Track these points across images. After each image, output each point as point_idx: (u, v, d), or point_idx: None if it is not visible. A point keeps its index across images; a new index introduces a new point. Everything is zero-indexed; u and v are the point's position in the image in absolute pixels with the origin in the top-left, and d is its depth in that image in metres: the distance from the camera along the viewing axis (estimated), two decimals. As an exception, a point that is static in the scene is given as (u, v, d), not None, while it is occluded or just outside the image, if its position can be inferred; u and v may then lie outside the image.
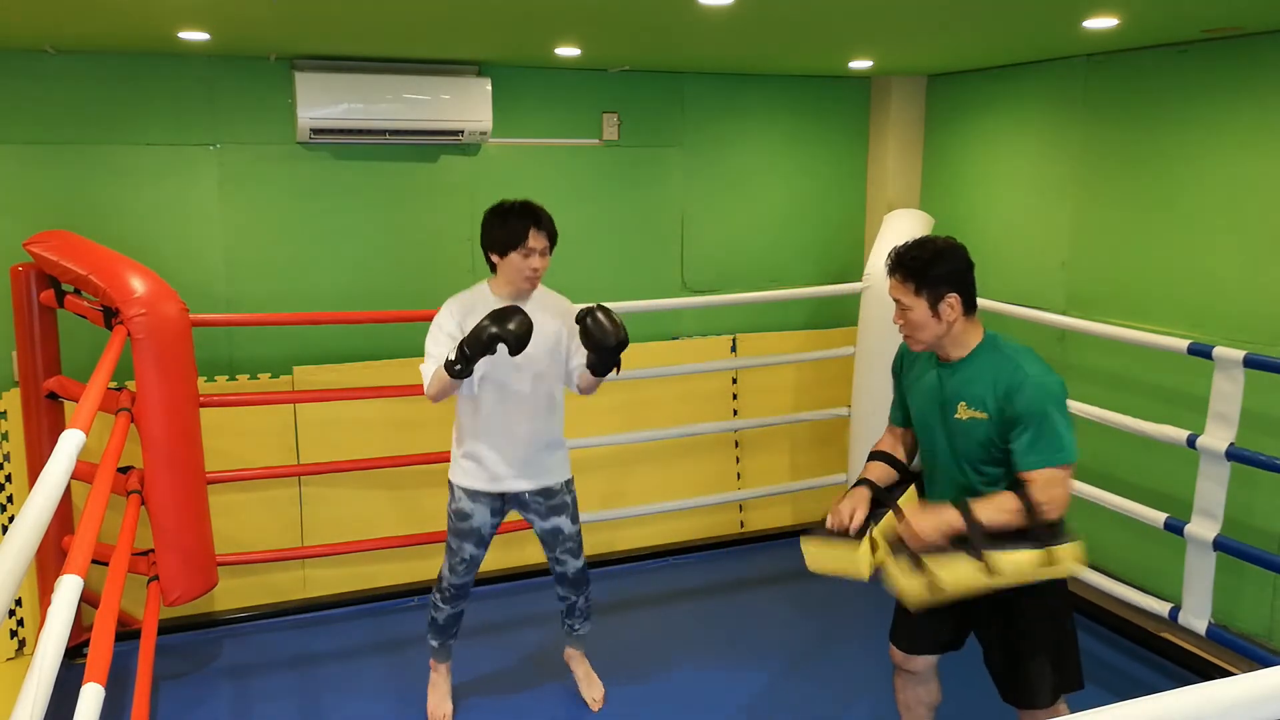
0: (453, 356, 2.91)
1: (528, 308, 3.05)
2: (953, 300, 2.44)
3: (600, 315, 2.98)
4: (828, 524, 2.61)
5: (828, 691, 3.76)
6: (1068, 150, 4.38)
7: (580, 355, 3.20)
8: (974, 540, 2.31)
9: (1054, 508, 2.34)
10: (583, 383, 3.26)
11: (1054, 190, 4.46)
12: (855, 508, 2.58)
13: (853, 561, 2.53)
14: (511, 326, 2.84)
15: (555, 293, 3.32)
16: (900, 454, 2.81)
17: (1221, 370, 3.38)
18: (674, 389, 4.94)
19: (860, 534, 2.54)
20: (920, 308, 2.46)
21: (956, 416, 2.50)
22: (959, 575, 2.31)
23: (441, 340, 3.10)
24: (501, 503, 3.32)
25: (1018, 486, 2.39)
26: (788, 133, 5.21)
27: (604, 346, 2.97)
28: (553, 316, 3.21)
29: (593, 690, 3.65)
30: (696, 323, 5.13)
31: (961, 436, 2.50)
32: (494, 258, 3.15)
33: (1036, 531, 2.33)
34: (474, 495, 3.28)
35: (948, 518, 2.36)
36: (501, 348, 2.92)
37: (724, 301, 4.90)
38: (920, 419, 2.66)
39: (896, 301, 2.53)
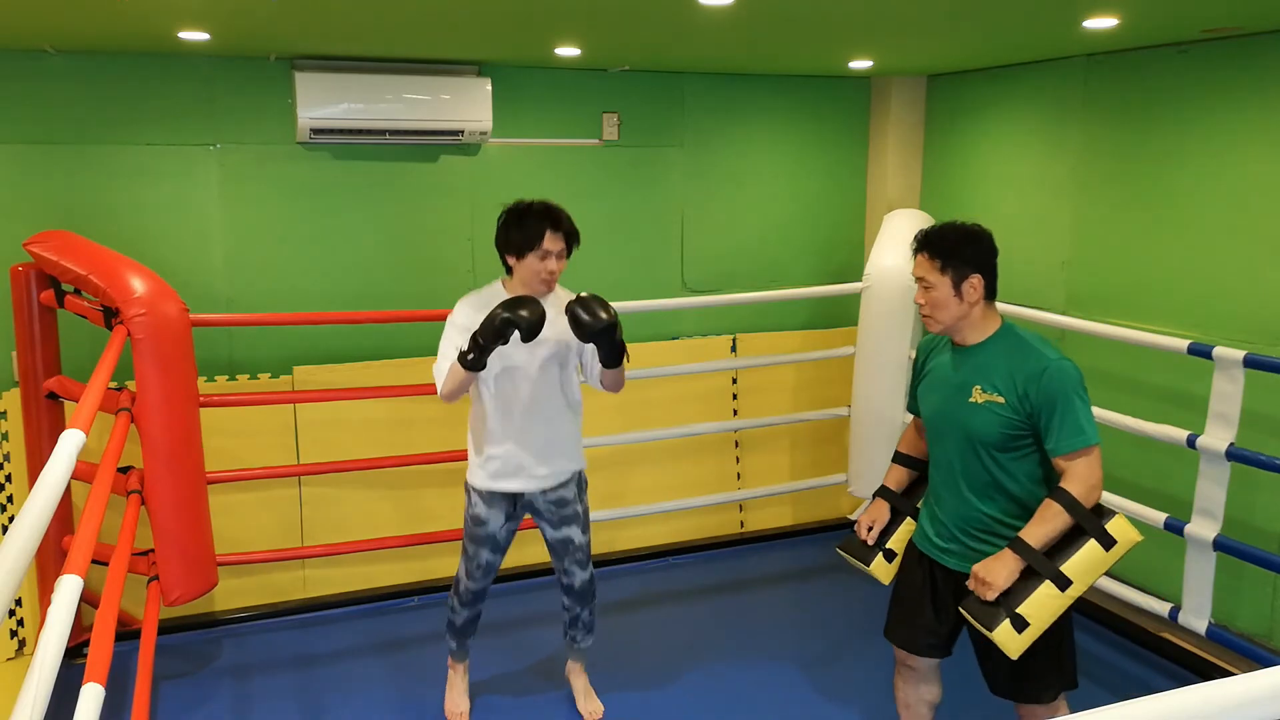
0: (465, 347, 2.89)
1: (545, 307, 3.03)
2: (975, 281, 2.49)
3: (583, 302, 2.94)
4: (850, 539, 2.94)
5: (828, 691, 3.76)
6: (1068, 150, 4.38)
7: (593, 352, 3.19)
8: (1039, 569, 2.38)
9: (1093, 493, 2.39)
10: (603, 379, 3.23)
11: (1054, 190, 4.46)
12: (874, 520, 2.83)
13: (874, 573, 2.86)
14: (524, 312, 2.82)
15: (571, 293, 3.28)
16: (921, 448, 2.84)
17: (1221, 370, 3.38)
18: (674, 389, 4.93)
19: (879, 545, 2.84)
20: (944, 286, 2.50)
21: (971, 400, 2.51)
22: (1041, 605, 2.38)
23: (454, 339, 3.05)
24: (514, 507, 3.28)
25: (1053, 488, 2.43)
26: (788, 133, 5.21)
27: (595, 331, 2.93)
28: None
29: (590, 704, 3.59)
30: (696, 323, 5.13)
31: (977, 421, 2.50)
32: (509, 259, 3.11)
33: (1086, 524, 2.38)
34: (489, 499, 3.24)
35: (1008, 562, 2.41)
36: (515, 339, 2.91)
37: (724, 301, 4.90)
38: (934, 406, 2.66)
39: (920, 280, 2.56)
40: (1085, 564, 2.38)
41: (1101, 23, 3.36)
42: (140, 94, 4.11)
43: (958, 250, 2.49)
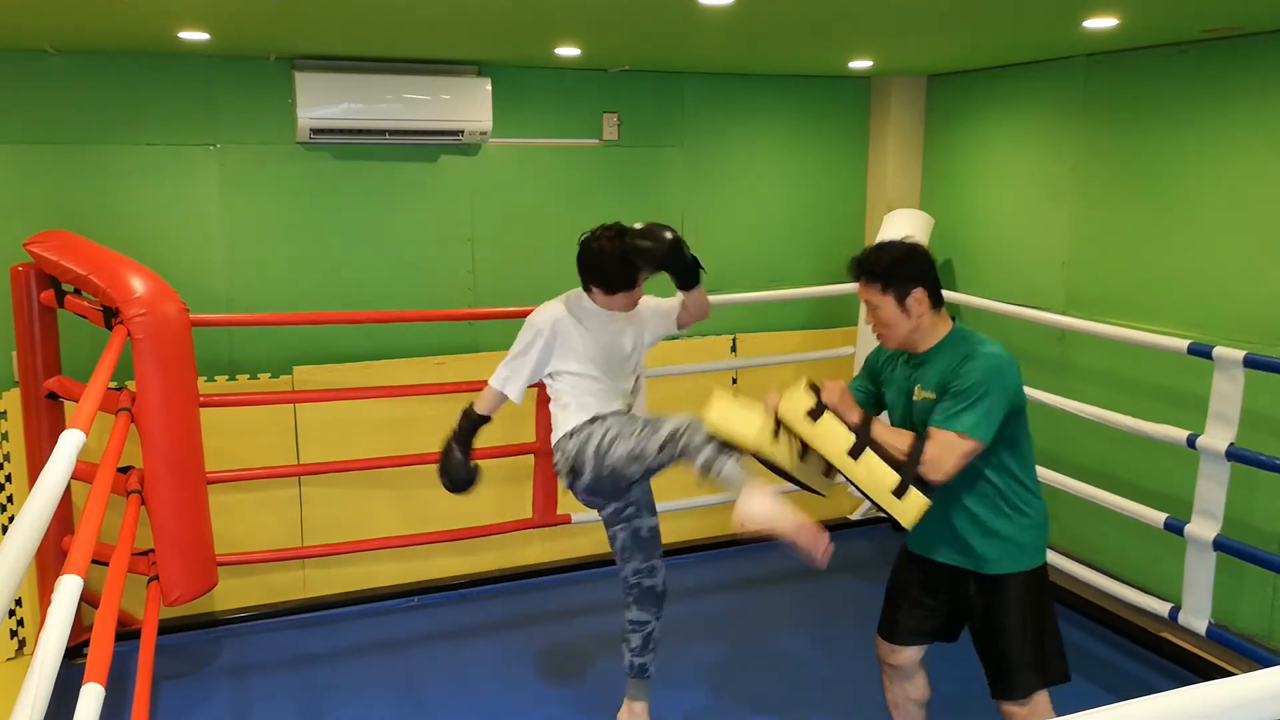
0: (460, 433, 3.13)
1: (618, 321, 3.09)
2: (919, 294, 2.54)
3: (640, 233, 2.93)
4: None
5: (827, 691, 3.76)
6: (1067, 150, 4.38)
7: (662, 304, 3.21)
8: (860, 434, 2.51)
9: (935, 469, 2.44)
10: (688, 305, 3.25)
11: (1054, 190, 4.46)
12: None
13: (750, 423, 2.69)
14: (449, 481, 3.14)
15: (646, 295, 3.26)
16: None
17: (1221, 370, 3.38)
18: (674, 389, 4.93)
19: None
20: (888, 305, 2.56)
21: (914, 398, 2.60)
22: (828, 434, 2.53)
23: (526, 359, 3.05)
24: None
25: (919, 437, 2.50)
26: (788, 133, 5.21)
27: (664, 253, 2.92)
28: (629, 323, 3.16)
29: None
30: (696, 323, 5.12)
31: (922, 418, 2.58)
32: (596, 290, 3.06)
33: (905, 472, 2.45)
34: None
35: (855, 414, 2.55)
36: (584, 350, 3.03)
37: (724, 301, 4.88)
38: (895, 409, 2.73)
39: (866, 303, 2.63)
40: (872, 473, 2.47)
41: (1101, 23, 3.36)
42: (140, 94, 4.10)
43: (894, 270, 2.55)
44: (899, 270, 2.55)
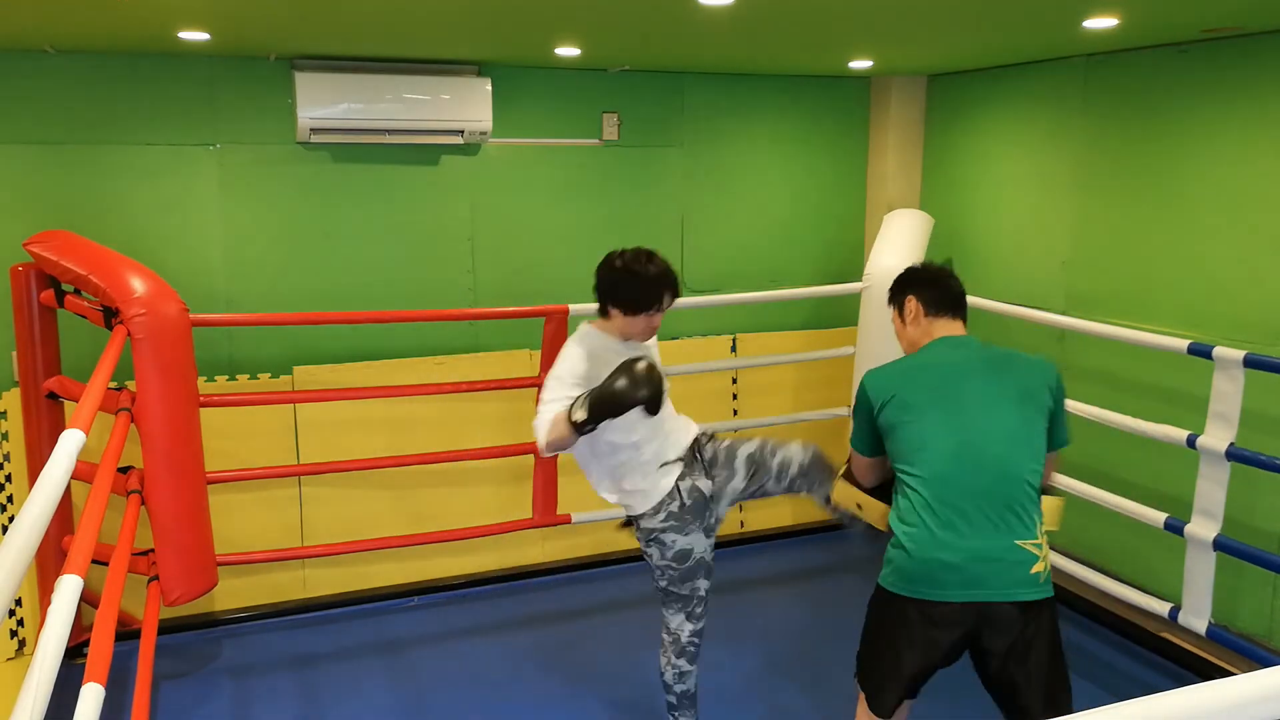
0: (583, 416, 2.67)
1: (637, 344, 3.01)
2: (910, 304, 2.78)
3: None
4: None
5: (827, 692, 3.76)
6: (1068, 150, 4.38)
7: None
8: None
9: (859, 475, 2.86)
10: None
11: (1054, 190, 4.46)
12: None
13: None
14: (647, 393, 2.69)
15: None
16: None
17: (1221, 370, 3.38)
18: (674, 389, 4.91)
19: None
20: (894, 319, 2.87)
21: None
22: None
23: (560, 393, 2.85)
24: (706, 509, 3.08)
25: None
26: (788, 133, 5.21)
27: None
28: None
29: None
30: (696, 323, 5.13)
31: None
32: (615, 312, 2.96)
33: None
34: (673, 498, 3.01)
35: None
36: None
37: (724, 301, 4.90)
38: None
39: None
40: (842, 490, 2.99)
41: (1101, 23, 3.36)
42: (140, 94, 4.10)
43: (891, 286, 2.87)
44: (893, 285, 2.89)
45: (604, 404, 2.67)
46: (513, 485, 4.55)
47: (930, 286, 2.76)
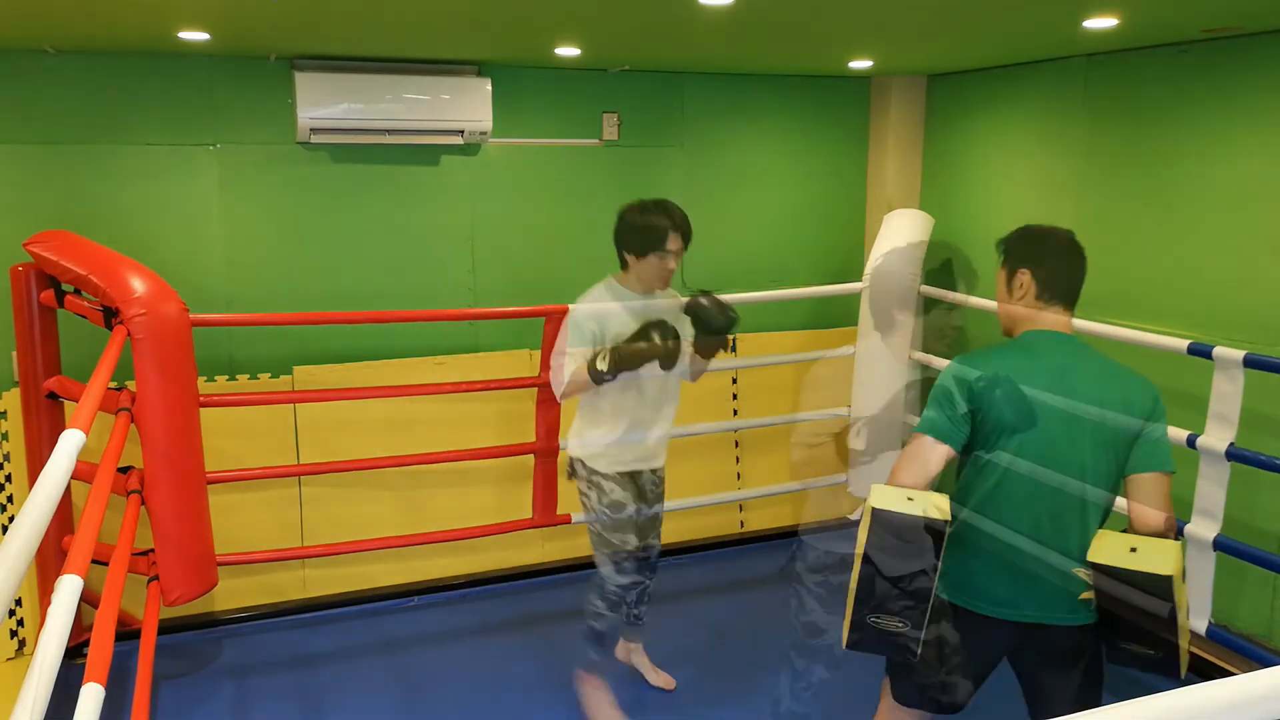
0: (603, 366, 3.02)
1: (656, 305, 3.22)
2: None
3: (706, 300, 3.21)
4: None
5: (827, 692, 3.76)
6: (1068, 150, 4.38)
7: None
8: None
9: (899, 468, 2.42)
10: (694, 366, 3.38)
11: (1054, 190, 4.46)
12: None
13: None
14: (664, 346, 3.03)
15: (673, 290, 3.40)
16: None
17: (1221, 370, 3.38)
18: (674, 389, 4.93)
19: None
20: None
21: None
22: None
23: (578, 342, 3.16)
24: (636, 486, 3.42)
25: None
26: (788, 133, 5.21)
27: (711, 328, 3.15)
28: (675, 317, 3.26)
29: (661, 677, 3.73)
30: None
31: None
32: (630, 257, 3.23)
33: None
34: (623, 481, 3.35)
35: None
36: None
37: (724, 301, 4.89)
38: None
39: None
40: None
41: (1101, 23, 3.36)
42: (140, 94, 4.10)
43: (1008, 244, 2.76)
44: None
45: (625, 360, 2.99)
46: (513, 485, 4.55)
47: (1052, 263, 2.48)
